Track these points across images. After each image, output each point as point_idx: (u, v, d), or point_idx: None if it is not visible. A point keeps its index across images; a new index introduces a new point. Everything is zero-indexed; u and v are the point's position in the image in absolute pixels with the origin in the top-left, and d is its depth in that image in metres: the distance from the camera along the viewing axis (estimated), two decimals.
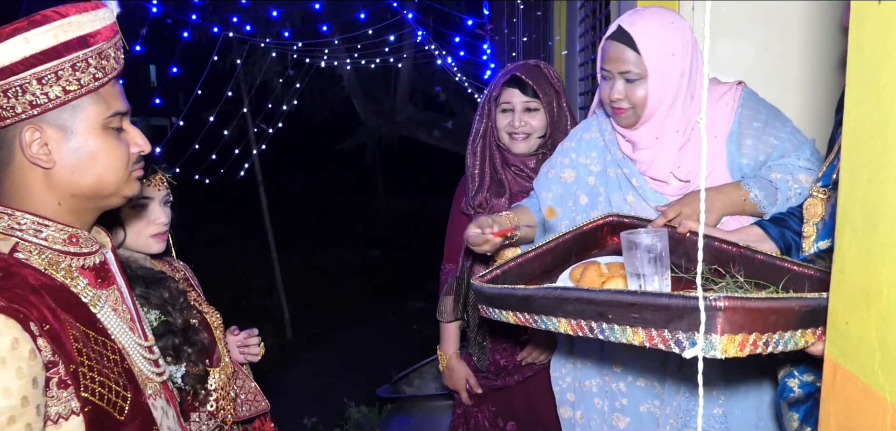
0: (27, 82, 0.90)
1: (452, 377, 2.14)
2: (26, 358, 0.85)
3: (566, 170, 1.70)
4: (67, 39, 0.92)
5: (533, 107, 1.89)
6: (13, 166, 0.95)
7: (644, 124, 1.51)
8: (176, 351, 1.45)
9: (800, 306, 0.88)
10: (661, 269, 1.15)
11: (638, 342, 0.93)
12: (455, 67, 6.95)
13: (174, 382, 1.44)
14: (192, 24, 4.43)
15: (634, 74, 1.46)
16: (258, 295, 7.20)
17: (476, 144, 1.98)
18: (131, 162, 1.03)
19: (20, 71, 0.90)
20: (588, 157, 1.67)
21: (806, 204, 1.21)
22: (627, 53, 1.45)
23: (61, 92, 0.92)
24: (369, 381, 4.97)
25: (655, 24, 1.45)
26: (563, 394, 1.76)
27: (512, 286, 1.23)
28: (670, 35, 1.45)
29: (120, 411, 0.96)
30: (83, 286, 0.98)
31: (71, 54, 0.92)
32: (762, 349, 0.85)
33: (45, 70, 0.91)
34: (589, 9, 3.23)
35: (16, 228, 0.95)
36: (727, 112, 1.51)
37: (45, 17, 0.92)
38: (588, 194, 1.67)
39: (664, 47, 1.45)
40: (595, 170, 1.65)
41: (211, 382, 1.53)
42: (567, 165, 1.70)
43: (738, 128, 1.51)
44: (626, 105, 1.49)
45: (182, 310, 1.49)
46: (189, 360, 1.47)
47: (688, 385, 1.59)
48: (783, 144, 1.50)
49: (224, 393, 1.57)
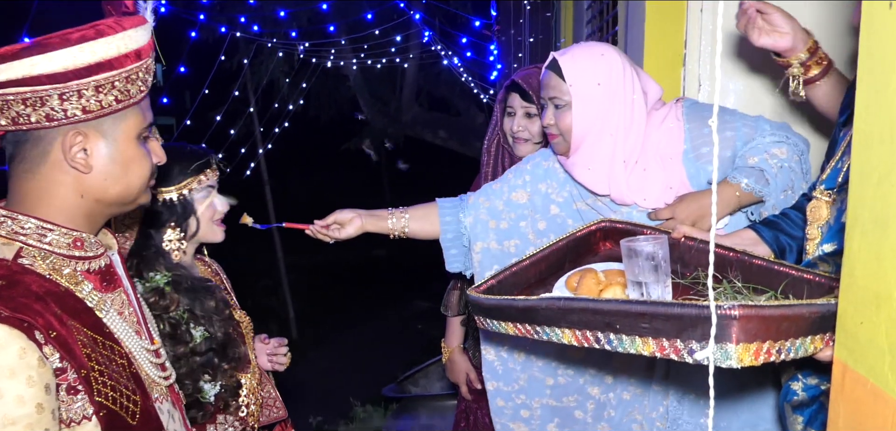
0: (85, 88, 0.91)
1: (454, 370, 2.19)
2: (35, 366, 0.85)
3: (518, 190, 1.71)
4: (127, 51, 0.94)
5: (533, 112, 1.92)
6: (45, 166, 0.95)
7: (575, 153, 1.55)
8: (214, 370, 1.46)
9: (810, 312, 0.87)
10: (661, 276, 1.14)
11: (648, 352, 0.93)
12: (461, 68, 6.96)
13: (205, 398, 1.44)
14: (200, 24, 4.45)
15: (561, 101, 1.52)
16: (264, 295, 7.22)
17: (491, 142, 2.04)
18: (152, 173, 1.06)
19: (83, 77, 0.91)
20: (547, 185, 1.69)
21: (810, 206, 1.20)
22: (555, 81, 1.53)
23: (114, 101, 0.94)
24: (374, 380, 4.98)
25: (583, 55, 1.53)
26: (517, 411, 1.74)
27: (512, 298, 1.22)
28: (596, 66, 1.51)
29: (132, 415, 0.97)
30: (89, 291, 0.98)
31: (127, 66, 0.95)
32: (775, 356, 0.85)
33: (103, 79, 0.93)
34: (596, 10, 3.23)
35: (19, 232, 0.95)
36: (675, 132, 1.54)
37: (109, 28, 0.94)
38: (548, 222, 1.68)
39: (588, 76, 1.50)
40: (558, 200, 1.67)
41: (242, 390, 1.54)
42: (519, 185, 1.71)
43: (691, 142, 1.52)
44: (556, 132, 1.56)
45: (224, 322, 1.50)
46: (224, 375, 1.48)
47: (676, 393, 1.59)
48: (741, 131, 1.50)
49: (254, 398, 1.58)
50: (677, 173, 1.52)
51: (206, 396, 1.44)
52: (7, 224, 0.95)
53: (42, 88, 0.90)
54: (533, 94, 1.89)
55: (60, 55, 0.90)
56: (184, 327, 1.43)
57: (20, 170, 0.96)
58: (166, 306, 1.42)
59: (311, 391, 4.88)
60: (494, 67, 6.13)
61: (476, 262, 1.72)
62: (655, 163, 1.53)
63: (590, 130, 1.51)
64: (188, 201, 1.50)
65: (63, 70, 0.90)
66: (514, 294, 1.28)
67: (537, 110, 1.91)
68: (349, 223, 1.71)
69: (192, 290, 1.48)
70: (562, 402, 1.69)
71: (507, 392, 1.72)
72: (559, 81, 1.52)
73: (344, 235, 1.72)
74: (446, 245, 1.76)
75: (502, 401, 1.73)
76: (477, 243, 1.72)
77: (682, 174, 1.52)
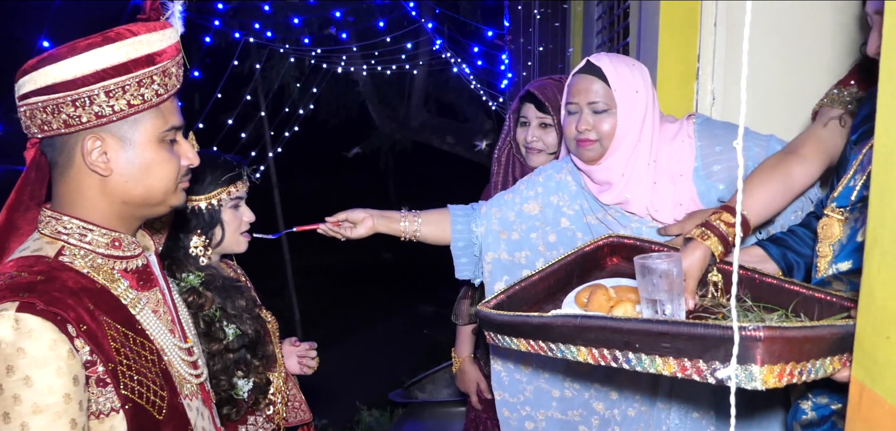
0: (95, 94, 0.94)
1: (464, 379, 2.20)
2: (65, 358, 0.88)
3: (530, 202, 1.71)
4: (137, 57, 0.96)
5: (547, 123, 1.93)
6: (72, 170, 0.99)
7: (609, 158, 1.54)
8: (247, 365, 1.49)
9: (831, 334, 0.88)
10: (675, 295, 1.14)
11: (668, 372, 0.92)
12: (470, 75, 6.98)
13: (238, 395, 1.47)
14: (215, 29, 4.50)
15: (603, 104, 1.51)
16: (270, 296, 7.23)
17: (502, 152, 2.04)
18: (180, 174, 1.07)
19: (90, 83, 0.94)
20: (559, 197, 1.69)
21: (821, 224, 1.20)
22: (596, 85, 1.51)
23: (126, 106, 0.96)
24: (380, 385, 5.00)
25: (620, 62, 1.53)
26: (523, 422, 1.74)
27: (526, 314, 1.21)
28: (634, 74, 1.52)
29: (158, 410, 0.99)
30: (124, 289, 1.02)
31: (138, 71, 0.96)
32: (798, 378, 0.85)
33: (112, 84, 0.95)
34: (606, 21, 3.24)
35: (62, 232, 0.99)
36: (687, 149, 1.55)
37: (118, 34, 0.96)
38: (558, 234, 1.68)
39: (629, 83, 1.51)
40: (569, 213, 1.68)
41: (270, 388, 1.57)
42: (531, 197, 1.72)
43: (702, 160, 1.53)
44: (594, 136, 1.53)
45: (255, 320, 1.54)
46: (256, 372, 1.51)
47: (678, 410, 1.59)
48: (752, 151, 1.51)
49: (281, 397, 1.61)
50: (687, 190, 1.53)
51: (239, 392, 1.47)
52: (52, 224, 1.00)
53: (57, 95, 0.93)
54: (549, 104, 1.90)
55: (70, 64, 0.93)
56: (217, 324, 1.47)
57: (55, 174, 1.01)
58: (202, 304, 1.46)
59: (317, 393, 4.88)
60: (505, 75, 6.15)
61: (487, 272, 1.73)
62: (666, 178, 1.54)
63: (627, 136, 1.51)
64: (216, 210, 1.53)
65: (72, 78, 0.93)
66: (523, 310, 1.28)
67: (552, 121, 1.92)
68: (361, 223, 1.72)
69: (223, 289, 1.52)
70: (567, 415, 1.69)
71: (513, 403, 1.73)
72: (602, 86, 1.51)
73: (355, 234, 1.74)
74: (457, 253, 1.77)
75: (508, 412, 1.74)
76: (488, 253, 1.73)
77: (692, 192, 1.52)
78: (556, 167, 1.74)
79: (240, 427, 1.52)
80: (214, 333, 1.45)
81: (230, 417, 1.47)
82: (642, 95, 1.52)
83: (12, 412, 0.85)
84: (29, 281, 0.92)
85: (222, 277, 1.55)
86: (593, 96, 1.51)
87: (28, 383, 0.86)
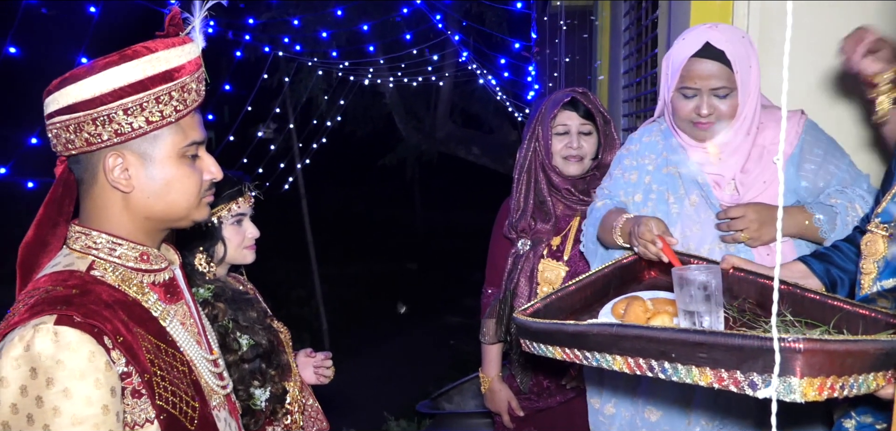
0: (114, 112, 0.95)
1: (495, 399, 2.15)
2: (103, 369, 0.90)
3: (632, 172, 1.71)
4: (154, 74, 0.97)
5: (586, 130, 1.92)
6: (96, 187, 1.01)
7: (719, 136, 1.53)
8: (262, 375, 1.51)
9: (875, 349, 0.86)
10: (714, 306, 1.13)
11: (705, 382, 0.91)
12: (497, 87, 7.01)
13: (256, 405, 1.49)
14: (245, 43, 4.60)
15: (725, 88, 1.48)
16: (298, 305, 7.33)
17: (522, 169, 2.01)
18: (203, 189, 1.07)
19: (109, 102, 0.95)
20: (646, 158, 1.69)
21: (865, 240, 1.18)
22: (718, 68, 1.47)
23: (144, 123, 0.97)
24: (405, 395, 5.01)
25: (736, 38, 1.49)
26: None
27: (562, 322, 1.21)
28: (747, 47, 1.50)
29: (191, 421, 1.01)
30: (154, 301, 1.03)
31: (155, 88, 0.97)
32: (838, 393, 0.84)
33: (130, 102, 0.96)
34: (634, 32, 3.23)
35: (92, 247, 1.01)
36: (790, 135, 1.54)
37: (135, 52, 0.97)
38: (642, 192, 1.67)
39: (745, 61, 1.48)
40: (650, 169, 1.67)
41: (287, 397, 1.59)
42: (633, 166, 1.71)
43: (800, 152, 1.53)
44: (714, 119, 1.51)
45: (267, 331, 1.55)
46: (272, 382, 1.52)
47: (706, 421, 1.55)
48: (843, 174, 1.52)
49: (298, 406, 1.62)
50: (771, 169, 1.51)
51: (257, 402, 1.48)
52: (82, 239, 1.02)
53: (79, 115, 0.95)
54: (592, 110, 1.88)
55: (89, 83, 0.95)
56: (231, 335, 1.48)
57: (82, 191, 1.03)
58: (215, 315, 1.47)
59: (344, 402, 4.94)
60: (531, 86, 6.15)
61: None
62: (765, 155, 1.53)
63: (744, 115, 1.50)
64: (216, 227, 1.54)
65: (91, 97, 0.94)
66: (560, 319, 1.28)
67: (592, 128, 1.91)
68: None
69: (233, 301, 1.53)
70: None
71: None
72: (723, 69, 1.47)
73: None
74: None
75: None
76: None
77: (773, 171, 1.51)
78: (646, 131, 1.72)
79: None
80: (229, 344, 1.46)
81: (249, 427, 1.48)
82: (754, 68, 1.51)
83: (52, 424, 0.87)
84: (65, 295, 0.93)
85: (231, 289, 1.56)
86: (715, 82, 1.48)
87: (67, 395, 0.87)
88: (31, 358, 0.87)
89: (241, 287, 1.65)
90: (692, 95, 1.52)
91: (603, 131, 1.96)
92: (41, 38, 3.89)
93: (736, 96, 1.49)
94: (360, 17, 5.77)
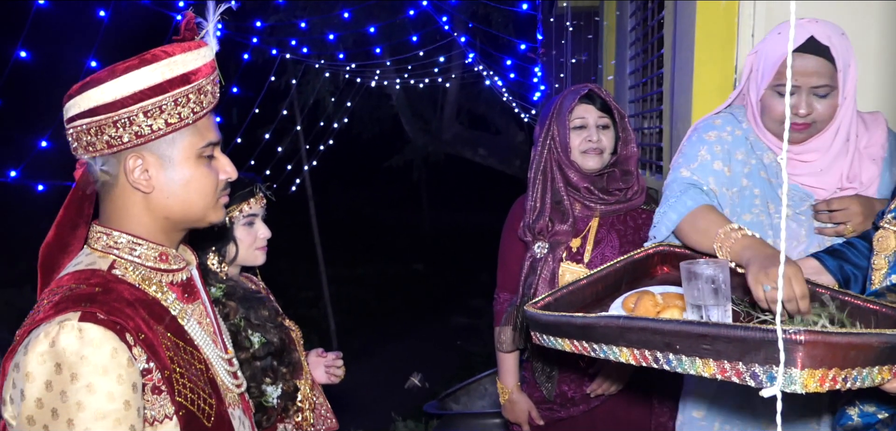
0: (134, 115, 0.98)
1: (514, 410, 2.06)
2: (125, 366, 0.92)
3: (720, 160, 1.57)
4: (172, 77, 0.99)
5: (604, 123, 1.88)
6: (116, 189, 1.03)
7: (816, 140, 1.46)
8: (274, 372, 1.52)
9: (879, 342, 0.86)
10: (722, 300, 1.13)
11: (708, 374, 0.92)
12: (503, 88, 7.01)
13: (268, 402, 1.51)
14: (253, 46, 4.63)
15: (826, 87, 1.40)
16: (306, 306, 7.37)
17: (538, 169, 1.95)
18: (219, 189, 1.10)
19: (129, 104, 0.98)
20: (738, 152, 1.57)
21: (877, 236, 1.19)
22: (821, 65, 1.39)
23: (164, 124, 1.00)
24: (413, 395, 5.02)
25: (839, 33, 1.42)
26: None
27: (570, 315, 1.22)
28: (848, 47, 1.42)
29: (208, 418, 1.03)
30: (172, 301, 1.05)
31: (174, 91, 1.00)
32: (841, 385, 0.84)
33: (150, 104, 0.98)
34: (640, 33, 3.23)
35: (113, 247, 1.03)
36: (881, 138, 1.50)
37: (154, 55, 1.00)
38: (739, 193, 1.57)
39: (846, 59, 1.41)
40: (745, 170, 1.57)
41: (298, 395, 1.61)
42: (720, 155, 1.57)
43: (890, 155, 1.49)
44: (812, 120, 1.43)
45: (279, 329, 1.57)
46: (284, 379, 1.54)
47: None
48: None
49: (309, 403, 1.64)
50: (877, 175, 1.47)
51: (269, 399, 1.50)
52: (103, 239, 1.04)
53: (100, 118, 0.98)
54: (610, 103, 1.86)
55: (110, 87, 0.97)
56: (243, 334, 1.50)
57: (102, 193, 1.05)
58: (227, 314, 1.49)
59: (352, 403, 4.96)
60: (537, 87, 6.16)
61: None
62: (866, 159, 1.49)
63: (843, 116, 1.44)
64: (227, 227, 1.55)
65: (113, 100, 0.97)
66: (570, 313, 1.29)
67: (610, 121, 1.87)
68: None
69: (245, 300, 1.54)
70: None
71: None
72: (826, 66, 1.39)
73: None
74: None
75: None
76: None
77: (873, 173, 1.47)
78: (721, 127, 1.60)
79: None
80: (241, 342, 1.48)
81: (261, 424, 1.50)
82: (853, 66, 1.42)
83: (76, 418, 0.89)
84: (88, 293, 0.96)
85: (242, 288, 1.58)
86: (817, 80, 1.39)
87: (90, 390, 0.89)
88: (56, 354, 0.89)
89: (252, 287, 1.67)
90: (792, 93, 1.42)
91: (620, 125, 1.91)
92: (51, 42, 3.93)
93: (835, 97, 1.41)
94: (367, 20, 5.79)
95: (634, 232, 1.89)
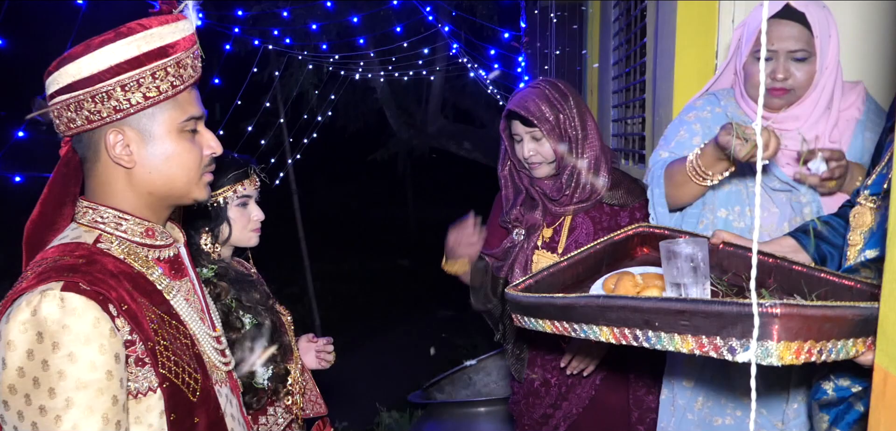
0: (112, 89, 0.97)
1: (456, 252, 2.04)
2: (107, 335, 0.91)
3: (696, 136, 1.64)
4: (149, 50, 0.98)
5: (538, 136, 1.83)
6: (99, 164, 1.03)
7: (795, 108, 1.49)
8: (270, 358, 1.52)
9: (853, 314, 0.88)
10: (700, 278, 1.15)
11: (686, 350, 0.93)
12: (487, 80, 7.01)
13: (258, 384, 1.49)
14: (234, 37, 4.57)
15: (803, 51, 1.44)
16: (290, 302, 7.30)
17: (504, 166, 1.99)
18: (203, 164, 1.09)
19: (106, 78, 0.97)
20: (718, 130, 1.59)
21: (853, 212, 1.20)
22: (798, 30, 1.44)
23: (142, 98, 0.99)
24: (399, 387, 5.01)
25: (818, 4, 1.46)
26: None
27: (550, 295, 1.23)
28: (827, 17, 1.46)
29: (193, 392, 1.02)
30: (158, 275, 1.05)
31: (151, 64, 0.98)
32: (816, 357, 0.86)
33: (127, 78, 0.97)
34: (624, 23, 3.24)
35: (99, 221, 1.03)
36: (857, 102, 1.54)
37: (129, 29, 0.98)
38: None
39: (826, 27, 1.45)
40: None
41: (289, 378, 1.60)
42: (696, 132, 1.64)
43: (866, 118, 1.52)
44: (790, 85, 1.47)
45: (270, 312, 1.57)
46: (275, 361, 1.53)
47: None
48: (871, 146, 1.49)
49: (299, 388, 1.63)
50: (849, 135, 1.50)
51: (259, 381, 1.49)
52: (89, 214, 1.03)
53: (78, 93, 0.97)
54: (534, 118, 1.79)
55: (86, 61, 0.96)
56: (234, 314, 1.50)
57: (86, 169, 1.04)
58: (218, 294, 1.48)
59: (336, 396, 4.94)
60: (522, 78, 6.16)
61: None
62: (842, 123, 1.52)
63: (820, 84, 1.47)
64: (221, 207, 1.55)
65: (89, 75, 0.96)
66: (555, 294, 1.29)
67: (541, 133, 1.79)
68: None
69: (236, 281, 1.54)
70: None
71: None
72: (803, 31, 1.44)
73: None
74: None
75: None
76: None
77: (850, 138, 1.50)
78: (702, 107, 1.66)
79: (260, 417, 1.54)
80: (232, 322, 1.48)
81: (251, 405, 1.50)
82: (834, 38, 1.46)
83: (57, 387, 0.88)
84: (72, 264, 0.95)
85: (234, 270, 1.57)
86: (794, 44, 1.44)
87: (72, 359, 0.88)
88: (37, 322, 0.89)
89: (244, 270, 1.66)
90: (767, 59, 1.46)
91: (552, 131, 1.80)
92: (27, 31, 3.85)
93: (813, 63, 1.45)
94: (350, 9, 5.75)
95: (610, 218, 1.88)
